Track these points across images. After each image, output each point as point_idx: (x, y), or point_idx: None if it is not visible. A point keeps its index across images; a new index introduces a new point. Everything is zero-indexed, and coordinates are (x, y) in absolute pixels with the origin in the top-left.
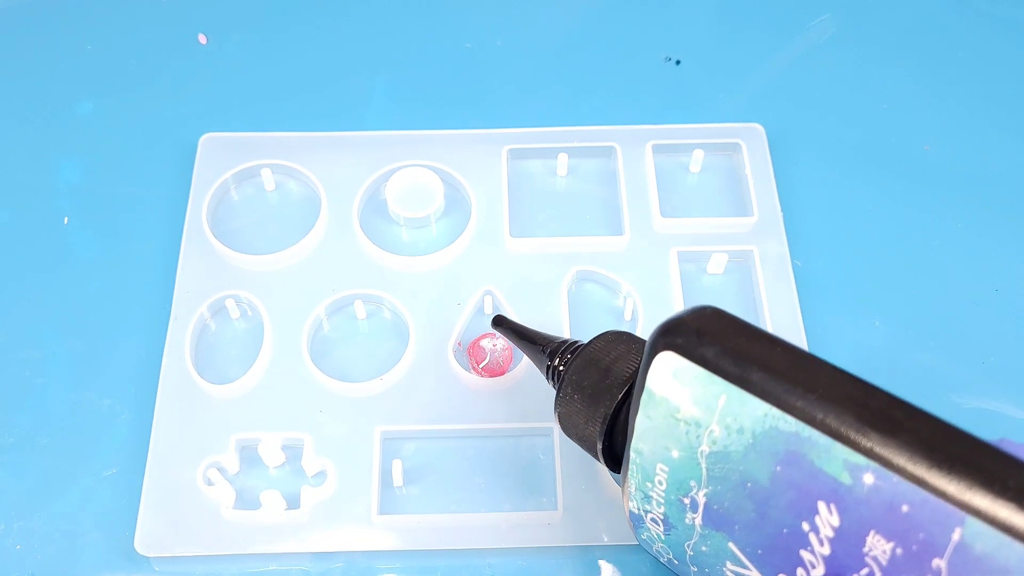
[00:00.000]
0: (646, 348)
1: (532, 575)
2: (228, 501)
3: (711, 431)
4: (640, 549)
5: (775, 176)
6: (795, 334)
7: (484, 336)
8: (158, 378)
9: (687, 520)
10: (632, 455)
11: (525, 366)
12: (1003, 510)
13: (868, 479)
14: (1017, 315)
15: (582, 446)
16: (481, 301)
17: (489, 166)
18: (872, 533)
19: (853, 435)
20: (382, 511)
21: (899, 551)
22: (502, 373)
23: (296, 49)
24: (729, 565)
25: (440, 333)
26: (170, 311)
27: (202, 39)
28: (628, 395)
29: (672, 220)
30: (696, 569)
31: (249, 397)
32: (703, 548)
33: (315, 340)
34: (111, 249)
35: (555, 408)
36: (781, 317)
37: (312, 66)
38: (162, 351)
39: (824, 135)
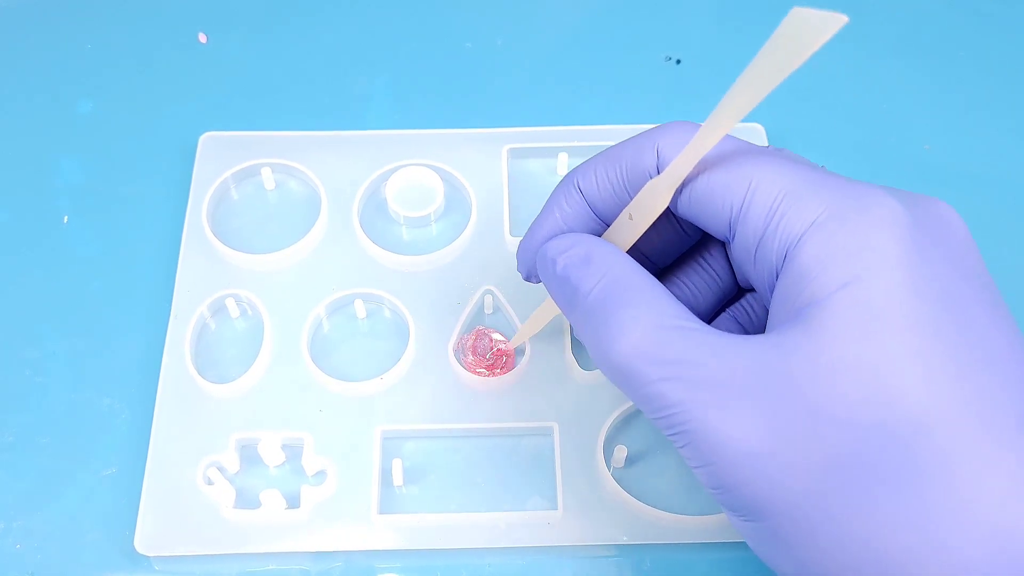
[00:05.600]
0: None
1: (532, 575)
2: (228, 500)
3: None
4: (641, 548)
5: None
6: None
7: (482, 338)
8: (158, 377)
9: None
10: None
11: (525, 366)
12: None
13: None
14: (1017, 315)
15: None
16: (481, 301)
17: (489, 166)
18: None
19: None
20: (382, 511)
21: None
22: (503, 372)
23: (296, 49)
24: None
25: (440, 333)
26: (170, 310)
27: (202, 38)
28: None
29: None
30: None
31: (249, 397)
32: None
33: (315, 340)
34: (111, 249)
35: None
36: None
37: (312, 66)
38: (162, 350)
39: (824, 135)
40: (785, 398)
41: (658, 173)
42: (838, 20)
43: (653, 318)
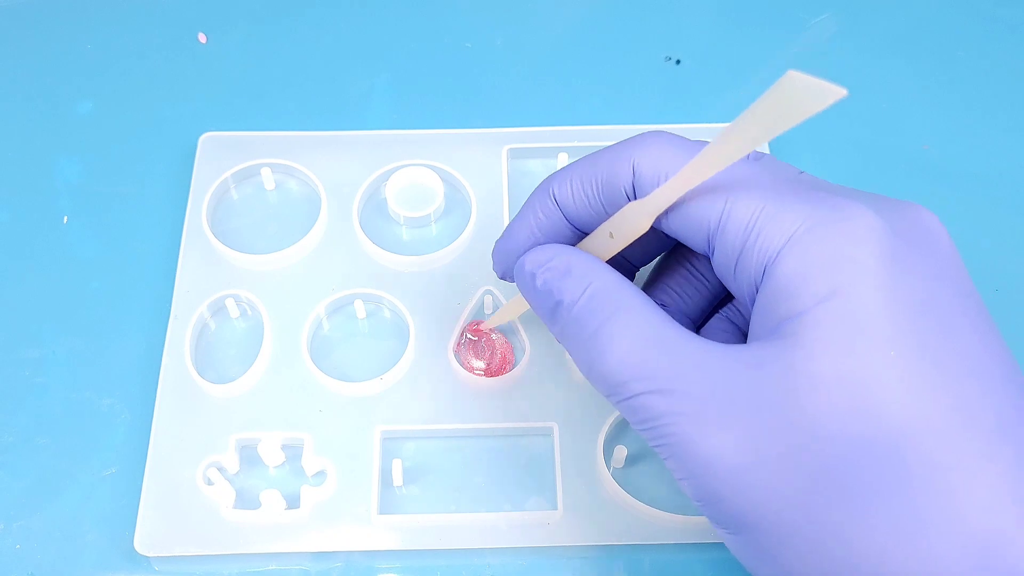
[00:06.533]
0: None
1: (532, 575)
2: (228, 501)
3: None
4: (641, 549)
5: None
6: None
7: (481, 336)
8: (158, 377)
9: None
10: None
11: (525, 366)
12: None
13: None
14: (1018, 315)
15: None
16: (481, 301)
17: (489, 166)
18: None
19: None
20: (382, 511)
21: None
22: (502, 373)
23: (296, 49)
24: None
25: (440, 333)
26: (170, 311)
27: (202, 38)
28: None
29: None
30: None
31: (249, 397)
32: None
33: (315, 340)
34: (111, 249)
35: None
36: None
37: (312, 66)
38: (162, 350)
39: (824, 135)
40: (765, 413)
41: (632, 188)
42: (835, 93)
43: (639, 330)
